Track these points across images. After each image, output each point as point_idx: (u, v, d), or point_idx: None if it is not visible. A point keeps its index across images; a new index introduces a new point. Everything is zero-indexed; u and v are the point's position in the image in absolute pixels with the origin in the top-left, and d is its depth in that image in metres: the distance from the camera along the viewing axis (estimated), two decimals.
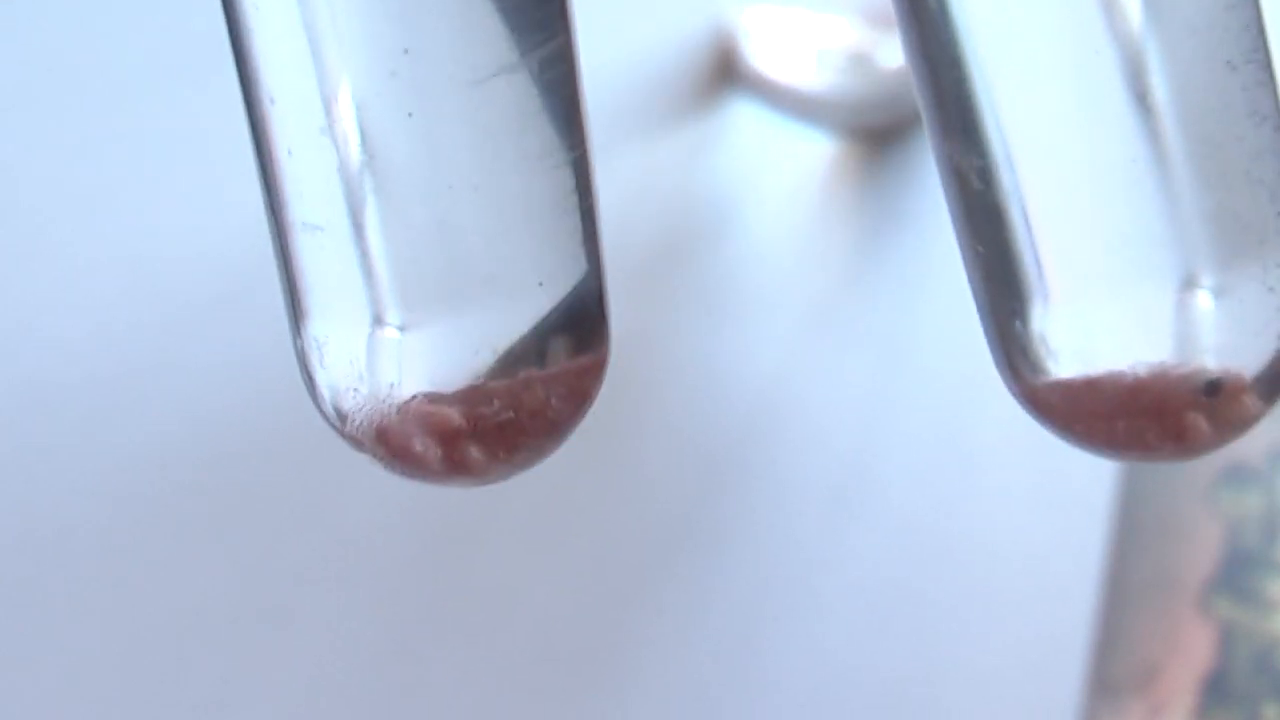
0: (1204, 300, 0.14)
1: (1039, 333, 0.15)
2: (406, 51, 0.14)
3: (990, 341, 0.15)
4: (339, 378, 0.15)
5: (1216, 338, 0.14)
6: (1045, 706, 0.31)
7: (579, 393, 0.15)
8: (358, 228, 0.15)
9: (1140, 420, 0.15)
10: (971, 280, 0.15)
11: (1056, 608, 0.32)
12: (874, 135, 0.40)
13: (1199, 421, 0.15)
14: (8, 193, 0.39)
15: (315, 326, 0.15)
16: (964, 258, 0.15)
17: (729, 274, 0.38)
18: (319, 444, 0.36)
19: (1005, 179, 0.14)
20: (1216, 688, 0.31)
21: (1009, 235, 0.14)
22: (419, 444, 0.15)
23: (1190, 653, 0.31)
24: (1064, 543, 0.33)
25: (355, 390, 0.15)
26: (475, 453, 0.15)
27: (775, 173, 0.40)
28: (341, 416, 0.15)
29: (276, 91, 0.15)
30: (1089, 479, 0.33)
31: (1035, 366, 0.15)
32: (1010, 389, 0.15)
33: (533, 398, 0.15)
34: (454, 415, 0.15)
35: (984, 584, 0.33)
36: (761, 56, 0.40)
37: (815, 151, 0.40)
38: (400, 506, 0.34)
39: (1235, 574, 0.32)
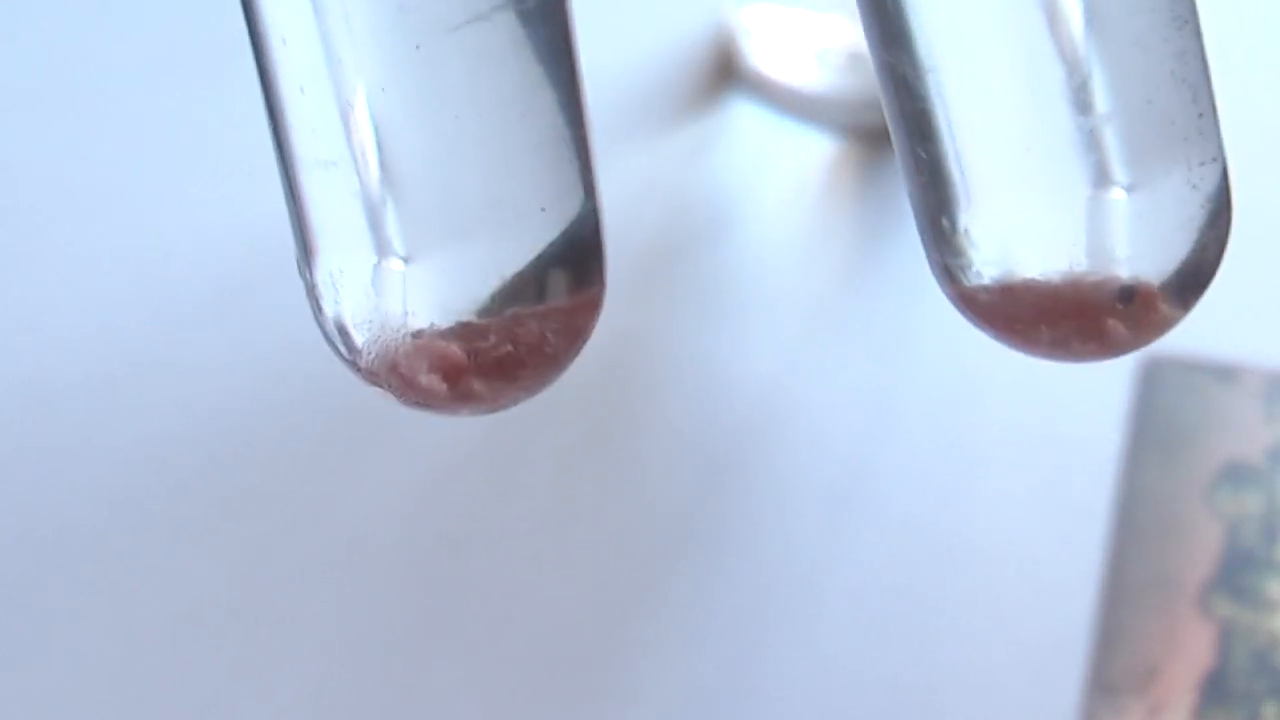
0: (1123, 201, 0.15)
1: (964, 236, 0.15)
2: None
3: (924, 244, 0.16)
4: (350, 312, 0.15)
5: (1135, 238, 0.15)
6: (1045, 706, 0.31)
7: (574, 328, 0.15)
8: (366, 161, 0.15)
9: (1061, 326, 0.15)
10: (907, 185, 0.16)
11: (1056, 608, 0.32)
12: (874, 135, 0.40)
13: (1118, 327, 0.15)
14: (8, 193, 0.39)
15: (326, 262, 0.15)
16: (901, 164, 0.16)
17: (729, 274, 0.38)
18: (319, 444, 0.36)
19: (931, 81, 0.15)
20: (1216, 687, 0.31)
21: (935, 138, 0.15)
22: (425, 378, 0.15)
23: (1189, 652, 0.31)
24: (1063, 543, 0.33)
25: (368, 323, 0.15)
26: (478, 385, 0.15)
27: (775, 173, 0.40)
28: (353, 350, 0.15)
29: (288, 33, 0.15)
30: (1089, 479, 0.34)
31: (963, 269, 0.15)
32: (943, 291, 0.16)
33: (529, 332, 0.15)
34: (456, 350, 0.15)
35: (983, 584, 0.33)
36: (761, 56, 0.40)
37: (815, 151, 0.40)
38: (399, 507, 0.34)
39: (1235, 574, 0.32)
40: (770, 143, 0.40)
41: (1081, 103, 0.15)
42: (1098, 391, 0.35)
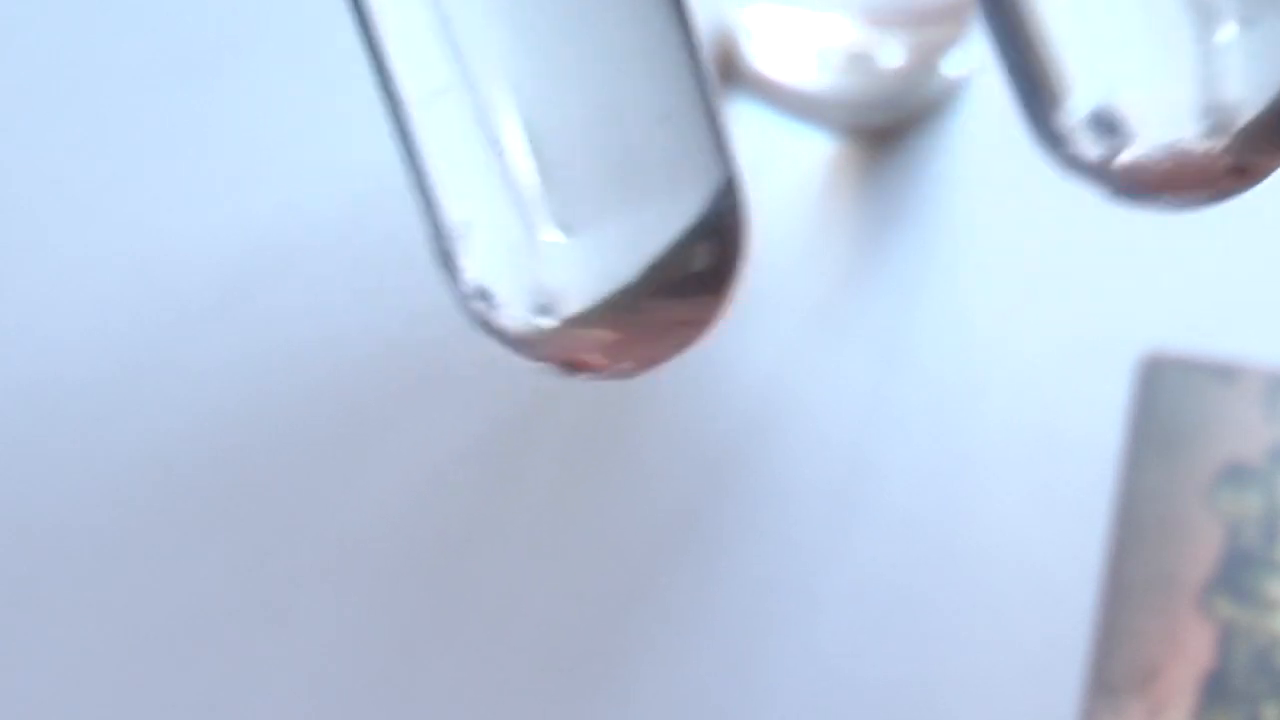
0: (1233, 38, 0.15)
1: (1075, 115, 0.15)
2: None
3: (1023, 114, 0.15)
4: (496, 285, 0.15)
5: (1245, 78, 0.15)
6: (1045, 706, 0.31)
7: (716, 301, 0.15)
8: (508, 139, 0.15)
9: (1177, 193, 0.15)
10: (999, 58, 0.15)
11: (1056, 608, 0.32)
12: (874, 135, 0.40)
13: (1232, 184, 0.15)
14: (8, 193, 0.39)
15: (472, 240, 0.15)
16: (992, 36, 0.15)
17: None
18: (319, 444, 0.36)
19: None
20: (1216, 687, 0.31)
21: (1034, 23, 0.15)
22: (569, 352, 0.15)
23: (1190, 653, 0.31)
24: (1063, 542, 0.33)
25: (515, 298, 0.15)
26: (625, 356, 0.15)
27: (775, 173, 0.40)
28: (500, 324, 0.15)
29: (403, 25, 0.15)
30: (1089, 479, 0.34)
31: (1070, 134, 0.15)
32: (1049, 158, 0.16)
33: (676, 305, 0.15)
34: (605, 322, 0.15)
35: (983, 584, 0.33)
36: (761, 56, 0.40)
37: (815, 151, 0.40)
38: (399, 506, 0.34)
39: (1235, 574, 0.32)
40: (770, 143, 0.40)
41: None
42: (1098, 391, 0.34)
